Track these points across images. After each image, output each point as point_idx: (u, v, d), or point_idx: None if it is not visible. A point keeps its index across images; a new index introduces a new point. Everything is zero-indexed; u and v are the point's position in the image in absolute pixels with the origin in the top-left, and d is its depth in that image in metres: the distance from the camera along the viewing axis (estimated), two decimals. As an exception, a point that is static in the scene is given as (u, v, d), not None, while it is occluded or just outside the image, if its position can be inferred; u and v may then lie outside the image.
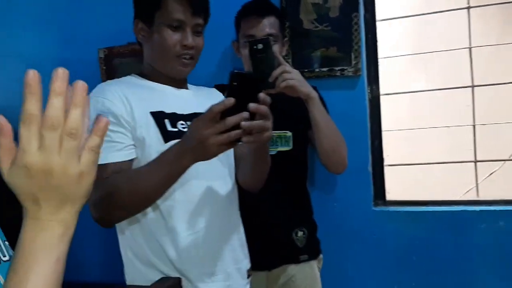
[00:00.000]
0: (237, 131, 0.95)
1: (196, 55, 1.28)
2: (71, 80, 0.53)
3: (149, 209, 1.19)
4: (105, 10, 2.09)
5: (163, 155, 1.08)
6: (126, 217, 1.18)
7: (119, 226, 1.25)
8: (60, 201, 0.54)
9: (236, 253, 1.31)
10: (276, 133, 1.59)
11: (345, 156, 1.59)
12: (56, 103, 0.51)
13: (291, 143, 1.61)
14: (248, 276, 1.36)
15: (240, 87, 0.96)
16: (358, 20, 1.81)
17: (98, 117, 0.56)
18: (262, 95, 0.98)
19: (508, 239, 1.77)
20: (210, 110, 0.95)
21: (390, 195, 1.95)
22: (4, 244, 0.68)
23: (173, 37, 1.23)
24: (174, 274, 1.20)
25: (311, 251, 1.66)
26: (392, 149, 2.01)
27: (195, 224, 1.22)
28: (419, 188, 2.10)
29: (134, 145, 1.18)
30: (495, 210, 1.80)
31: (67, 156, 0.52)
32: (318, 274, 1.68)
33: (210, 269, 1.23)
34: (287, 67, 1.43)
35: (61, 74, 0.52)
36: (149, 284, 1.15)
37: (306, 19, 1.86)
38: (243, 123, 0.95)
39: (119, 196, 1.09)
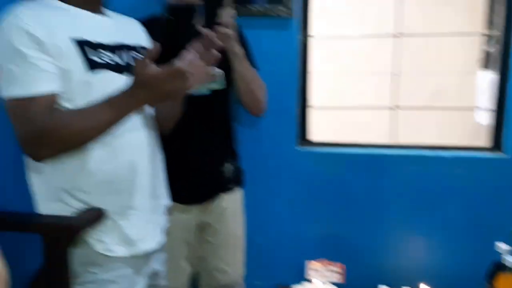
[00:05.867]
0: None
1: None
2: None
3: None
4: None
5: (118, 97, 1.06)
6: (63, 153, 1.11)
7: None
8: None
9: (156, 190, 1.29)
10: None
11: (263, 102, 1.68)
12: None
13: (224, 82, 1.57)
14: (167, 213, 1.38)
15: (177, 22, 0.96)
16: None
17: None
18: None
19: (416, 181, 1.91)
20: (178, 69, 1.04)
21: (314, 137, 2.01)
22: None
23: None
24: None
25: (238, 180, 1.74)
26: (319, 92, 2.05)
27: (115, 158, 1.17)
28: (346, 132, 2.17)
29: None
30: (407, 155, 1.93)
31: None
32: (242, 200, 1.78)
33: (129, 202, 1.21)
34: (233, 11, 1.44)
35: None
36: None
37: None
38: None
39: (66, 133, 1.06)
